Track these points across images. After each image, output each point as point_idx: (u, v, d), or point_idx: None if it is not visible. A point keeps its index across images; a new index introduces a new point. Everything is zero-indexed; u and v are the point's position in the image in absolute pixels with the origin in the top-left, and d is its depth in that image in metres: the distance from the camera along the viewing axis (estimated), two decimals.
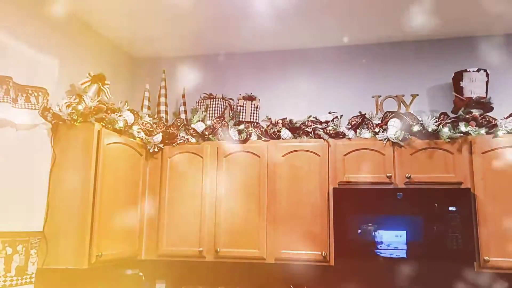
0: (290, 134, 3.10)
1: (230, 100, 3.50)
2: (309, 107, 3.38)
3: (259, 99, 3.47)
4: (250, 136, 3.15)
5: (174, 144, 3.23)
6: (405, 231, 2.73)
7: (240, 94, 3.45)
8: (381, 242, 2.75)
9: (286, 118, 3.15)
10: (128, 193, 3.00)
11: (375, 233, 2.77)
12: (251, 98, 3.40)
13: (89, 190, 2.58)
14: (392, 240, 2.74)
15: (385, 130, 2.96)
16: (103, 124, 2.72)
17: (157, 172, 3.22)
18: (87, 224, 2.55)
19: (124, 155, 2.95)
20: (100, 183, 2.64)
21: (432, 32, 3.27)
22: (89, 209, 2.57)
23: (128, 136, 3.00)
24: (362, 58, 3.47)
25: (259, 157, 3.09)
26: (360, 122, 3.04)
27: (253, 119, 3.37)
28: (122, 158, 2.92)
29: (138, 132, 3.08)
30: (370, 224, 2.78)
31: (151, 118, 3.27)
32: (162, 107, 3.47)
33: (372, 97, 3.25)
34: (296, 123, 3.12)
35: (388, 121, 2.97)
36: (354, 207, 2.84)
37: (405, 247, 2.71)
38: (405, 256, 2.71)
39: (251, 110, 3.38)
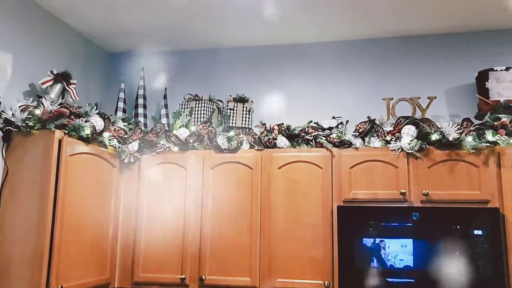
0: (287, 143, 2.99)
1: (218, 102, 3.42)
2: (310, 111, 3.30)
3: (251, 102, 3.39)
4: (241, 145, 3.04)
5: (153, 154, 3.09)
6: (422, 258, 2.60)
7: (230, 96, 3.39)
8: (394, 270, 2.63)
9: (283, 124, 3.05)
10: (98, 212, 2.84)
11: (387, 259, 2.64)
12: (242, 100, 3.34)
13: (47, 210, 2.40)
14: (406, 268, 2.61)
15: (398, 138, 2.85)
16: (66, 132, 2.56)
17: (133, 186, 3.10)
18: (45, 251, 2.37)
19: (92, 167, 2.79)
20: (61, 201, 2.48)
21: (452, 24, 3.19)
22: (47, 232, 2.39)
23: (98, 145, 2.84)
24: (371, 54, 3.39)
25: (251, 169, 2.97)
26: (369, 129, 2.94)
27: (245, 124, 3.30)
28: (90, 171, 2.76)
29: (109, 139, 2.91)
30: (380, 249, 2.66)
31: (125, 123, 3.14)
32: (140, 110, 3.38)
33: (383, 99, 3.16)
34: (294, 129, 3.02)
35: (401, 128, 2.86)
36: (362, 229, 2.72)
37: (422, 275, 2.58)
38: (422, 286, 2.59)
39: (243, 114, 3.32)
